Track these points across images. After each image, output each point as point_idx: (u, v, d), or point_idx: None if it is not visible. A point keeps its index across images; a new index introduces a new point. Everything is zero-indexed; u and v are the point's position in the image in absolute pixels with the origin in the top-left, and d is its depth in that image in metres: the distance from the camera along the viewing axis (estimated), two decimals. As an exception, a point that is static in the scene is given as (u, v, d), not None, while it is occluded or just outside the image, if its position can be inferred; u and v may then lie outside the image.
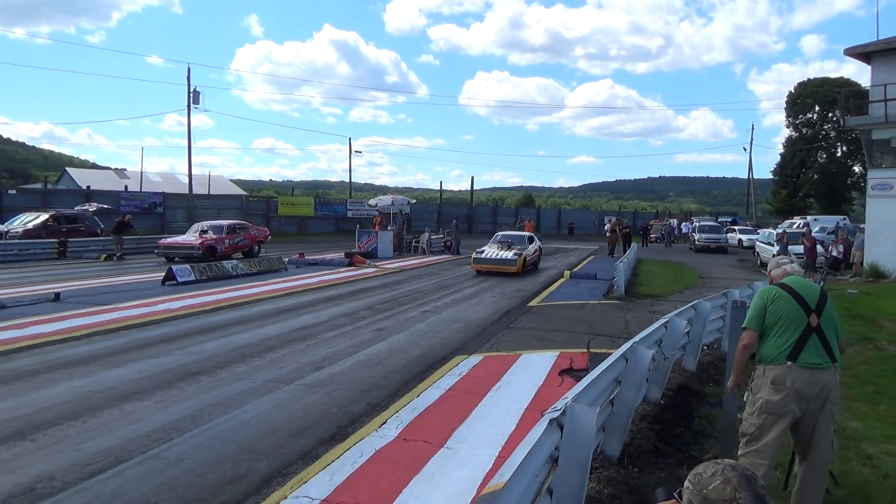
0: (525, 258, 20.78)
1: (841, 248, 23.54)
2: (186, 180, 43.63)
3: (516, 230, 30.72)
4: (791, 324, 4.04)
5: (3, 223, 26.34)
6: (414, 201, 39.43)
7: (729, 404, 5.37)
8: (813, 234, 24.80)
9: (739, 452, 4.18)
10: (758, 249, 27.67)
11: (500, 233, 24.92)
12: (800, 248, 21.89)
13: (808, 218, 36.75)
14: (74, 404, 6.40)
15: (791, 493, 4.24)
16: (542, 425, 3.47)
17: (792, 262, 4.49)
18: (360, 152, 65.33)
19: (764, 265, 25.19)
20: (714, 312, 9.12)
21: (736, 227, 41.92)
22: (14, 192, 40.75)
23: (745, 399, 4.33)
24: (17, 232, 25.27)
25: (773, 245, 24.65)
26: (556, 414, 3.61)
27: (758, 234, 32.56)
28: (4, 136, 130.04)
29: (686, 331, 7.79)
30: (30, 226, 25.98)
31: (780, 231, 25.81)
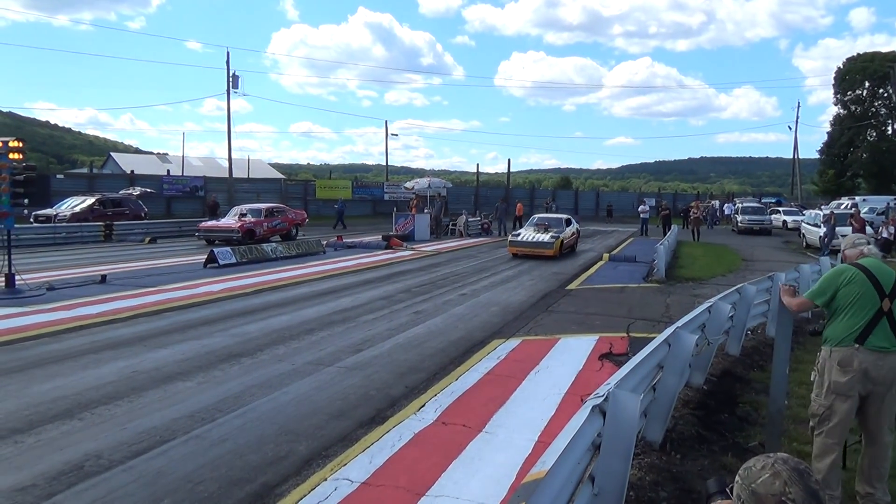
0: (562, 241, 20.56)
1: (892, 229, 22.75)
2: (226, 164, 44.19)
3: (552, 213, 30.42)
4: (864, 306, 4.07)
5: (51, 207, 27.05)
6: (450, 184, 39.38)
7: (775, 390, 5.23)
8: (862, 215, 24.06)
9: (815, 432, 4.27)
10: (803, 231, 26.94)
11: (537, 215, 24.69)
12: (848, 230, 21.22)
13: (857, 198, 35.67)
14: (120, 384, 6.55)
15: (857, 470, 4.30)
16: (584, 412, 3.40)
17: (869, 243, 4.47)
18: (396, 135, 65.46)
19: (810, 246, 24.56)
20: (759, 296, 8.89)
21: (780, 209, 40.84)
22: (61, 176, 41.88)
23: (812, 379, 4.40)
24: (65, 215, 25.96)
25: (819, 227, 23.96)
26: (599, 400, 3.55)
27: (803, 215, 31.69)
28: (52, 122, 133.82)
29: (730, 315, 7.62)
30: (77, 209, 26.67)
31: (826, 212, 25.03)
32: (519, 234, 21.27)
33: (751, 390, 6.87)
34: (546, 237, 20.34)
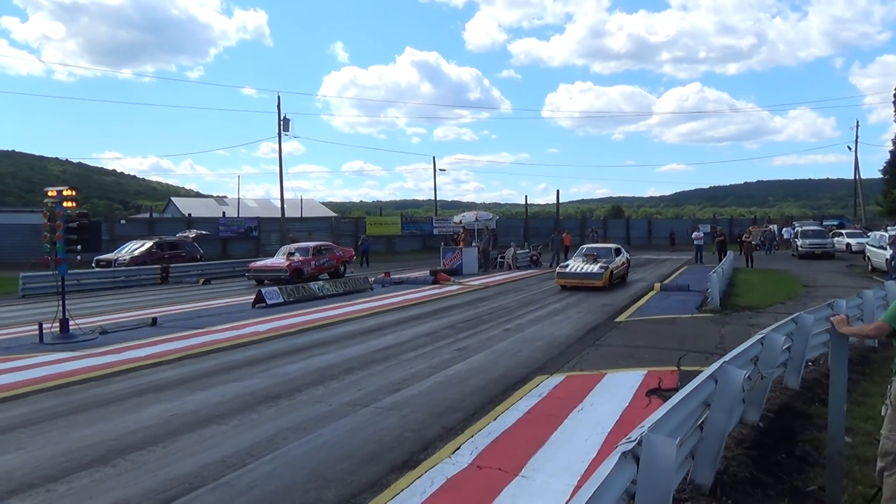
0: (612, 271, 20.11)
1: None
2: (280, 205, 45.19)
3: (599, 243, 29.90)
4: None
5: (112, 252, 28.00)
6: (497, 217, 39.26)
7: (833, 427, 4.84)
8: (931, 236, 22.79)
9: (887, 473, 3.97)
10: (868, 254, 25.69)
11: (586, 245, 24.29)
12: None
13: (926, 218, 33.95)
14: (157, 428, 6.55)
15: None
16: (613, 458, 3.17)
17: None
18: (444, 170, 66.16)
19: (876, 270, 23.38)
20: (818, 325, 8.38)
21: (843, 231, 39.19)
22: (124, 222, 43.60)
23: (882, 414, 4.13)
24: (124, 259, 26.83)
25: (885, 249, 22.81)
26: (631, 445, 3.30)
27: (868, 237, 30.26)
28: (117, 171, 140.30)
29: (786, 346, 7.18)
30: (136, 253, 27.54)
31: (892, 233, 23.84)
32: (567, 266, 20.92)
33: (811, 427, 6.41)
34: (595, 268, 19.94)
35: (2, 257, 33.92)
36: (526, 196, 61.67)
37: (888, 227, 33.48)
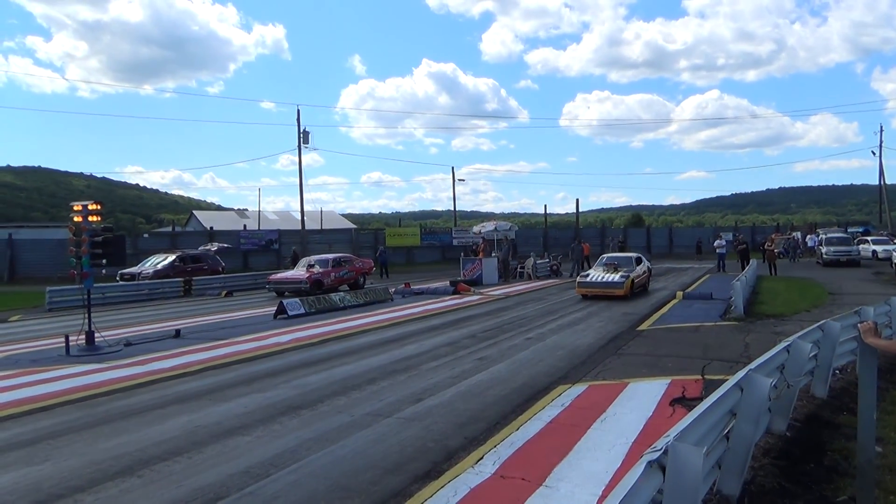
0: (633, 280, 19.98)
1: None
2: (300, 217, 45.50)
3: (619, 252, 29.73)
4: None
5: (136, 265, 28.35)
6: (517, 226, 39.23)
7: (863, 437, 4.75)
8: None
9: None
10: (895, 261, 25.27)
11: (606, 255, 24.18)
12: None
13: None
14: (182, 440, 6.60)
15: None
16: (639, 468, 3.14)
17: None
18: (463, 180, 66.30)
19: (904, 277, 22.99)
20: (845, 332, 8.25)
21: (869, 238, 38.59)
22: (147, 235, 44.16)
23: None
24: (148, 273, 27.16)
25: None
26: (657, 455, 3.27)
27: (894, 243, 29.78)
28: (140, 185, 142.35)
29: (812, 354, 7.07)
30: (159, 267, 27.86)
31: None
32: (588, 275, 20.84)
33: (840, 436, 6.30)
34: (616, 277, 19.83)
35: (29, 272, 34.55)
36: (545, 205, 61.83)
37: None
